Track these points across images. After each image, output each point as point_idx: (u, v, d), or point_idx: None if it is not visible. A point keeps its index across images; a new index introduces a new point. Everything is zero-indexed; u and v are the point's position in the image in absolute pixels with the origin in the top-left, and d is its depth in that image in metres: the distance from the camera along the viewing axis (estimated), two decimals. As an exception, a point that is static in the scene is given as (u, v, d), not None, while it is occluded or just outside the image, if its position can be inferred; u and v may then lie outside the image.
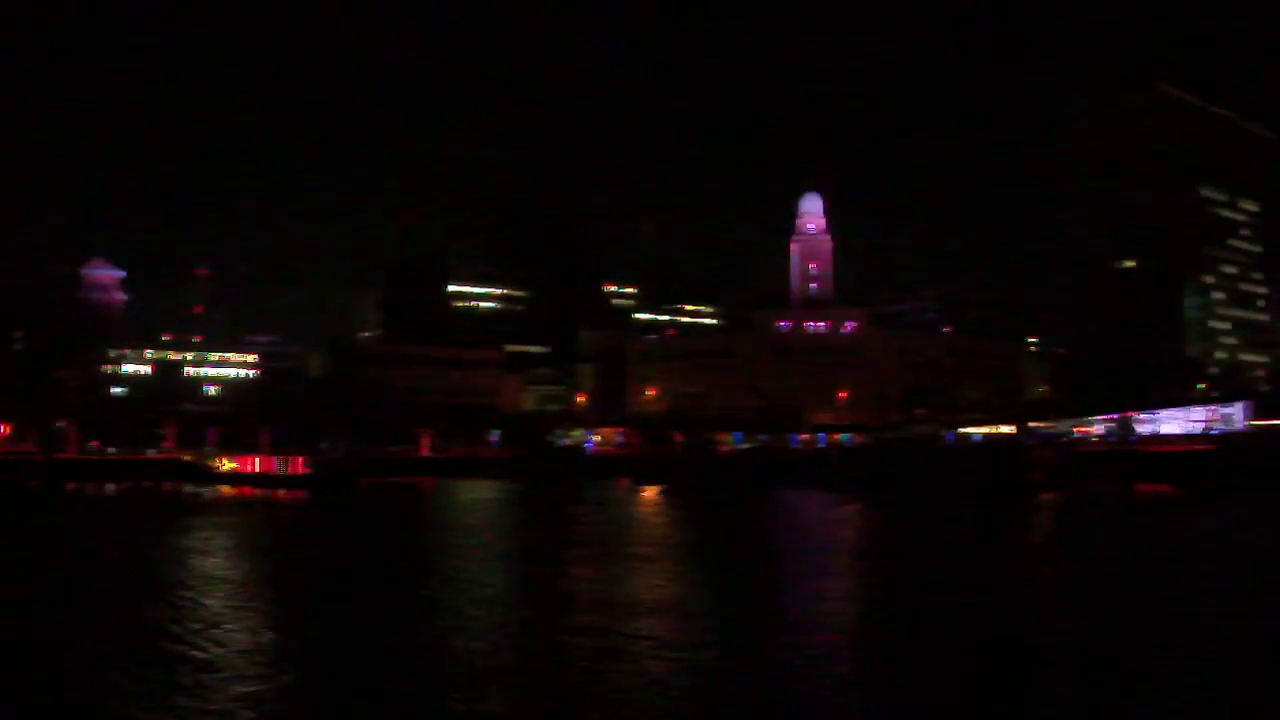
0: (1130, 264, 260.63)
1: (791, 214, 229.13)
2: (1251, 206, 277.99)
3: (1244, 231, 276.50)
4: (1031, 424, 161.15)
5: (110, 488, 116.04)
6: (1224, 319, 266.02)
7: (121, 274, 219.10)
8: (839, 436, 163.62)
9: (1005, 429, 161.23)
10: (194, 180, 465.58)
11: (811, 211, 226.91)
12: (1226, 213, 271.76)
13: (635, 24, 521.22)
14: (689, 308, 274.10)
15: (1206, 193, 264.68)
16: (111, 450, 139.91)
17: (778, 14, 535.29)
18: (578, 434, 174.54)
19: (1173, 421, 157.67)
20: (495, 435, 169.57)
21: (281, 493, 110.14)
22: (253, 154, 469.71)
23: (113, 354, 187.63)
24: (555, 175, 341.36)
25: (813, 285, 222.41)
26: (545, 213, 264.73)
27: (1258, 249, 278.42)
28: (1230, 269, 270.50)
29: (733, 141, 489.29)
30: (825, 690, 27.15)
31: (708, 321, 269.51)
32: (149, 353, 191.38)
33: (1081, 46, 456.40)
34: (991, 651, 31.28)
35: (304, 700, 26.78)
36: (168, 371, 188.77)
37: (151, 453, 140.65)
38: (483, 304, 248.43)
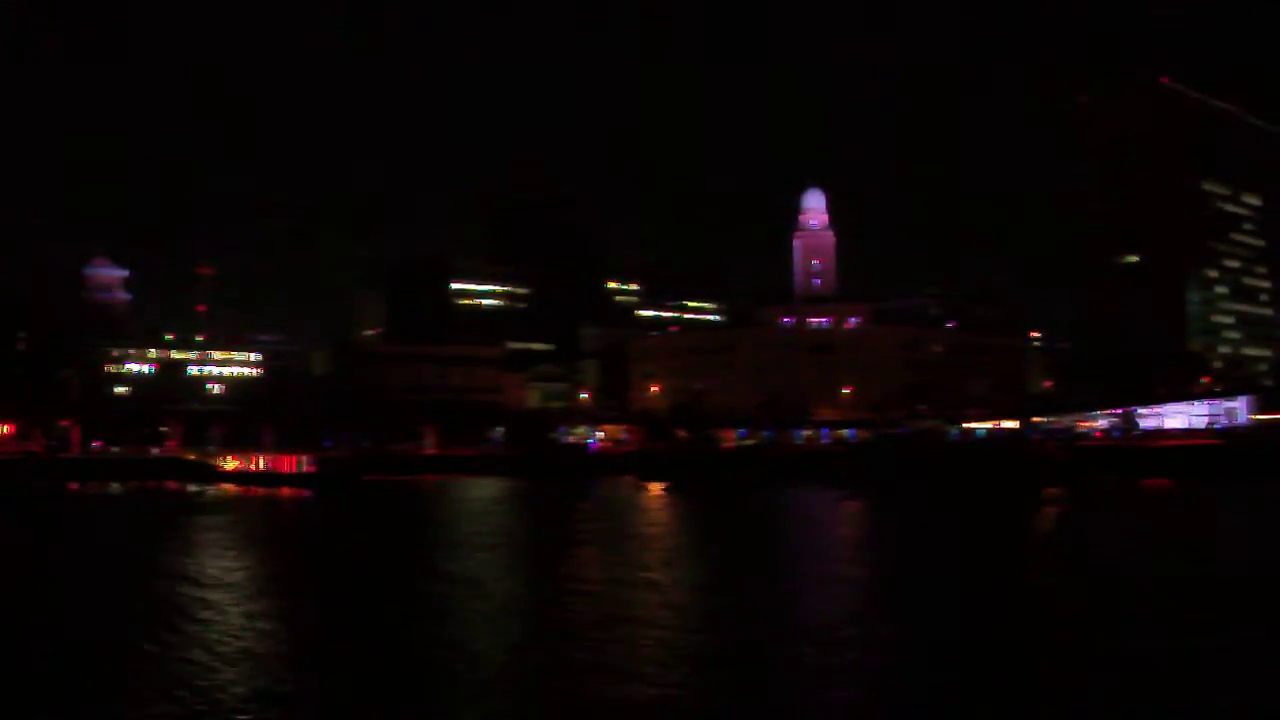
0: (1133, 259, 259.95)
1: (794, 210, 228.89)
2: (1254, 201, 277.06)
3: (1247, 226, 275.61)
4: (1035, 419, 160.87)
5: (114, 487, 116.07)
6: (1227, 313, 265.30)
7: (125, 273, 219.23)
8: (843, 432, 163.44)
9: (1009, 424, 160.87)
10: (196, 180, 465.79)
11: (814, 207, 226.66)
12: (1230, 207, 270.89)
13: (636, 24, 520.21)
14: (692, 304, 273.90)
15: (1209, 187, 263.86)
16: (115, 449, 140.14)
17: (779, 12, 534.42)
18: (581, 431, 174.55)
19: (1176, 416, 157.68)
20: (499, 433, 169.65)
21: (285, 491, 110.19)
22: (254, 154, 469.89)
23: (116, 353, 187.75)
24: (555, 173, 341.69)
25: (815, 281, 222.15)
26: (547, 210, 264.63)
27: (1261, 243, 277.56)
28: (1233, 263, 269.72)
29: (735, 138, 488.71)
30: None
31: (711, 318, 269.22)
32: (152, 352, 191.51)
33: (1085, 40, 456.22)
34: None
35: (304, 701, 26.75)
36: (171, 371, 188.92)
37: (155, 452, 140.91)
38: (485, 301, 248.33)
